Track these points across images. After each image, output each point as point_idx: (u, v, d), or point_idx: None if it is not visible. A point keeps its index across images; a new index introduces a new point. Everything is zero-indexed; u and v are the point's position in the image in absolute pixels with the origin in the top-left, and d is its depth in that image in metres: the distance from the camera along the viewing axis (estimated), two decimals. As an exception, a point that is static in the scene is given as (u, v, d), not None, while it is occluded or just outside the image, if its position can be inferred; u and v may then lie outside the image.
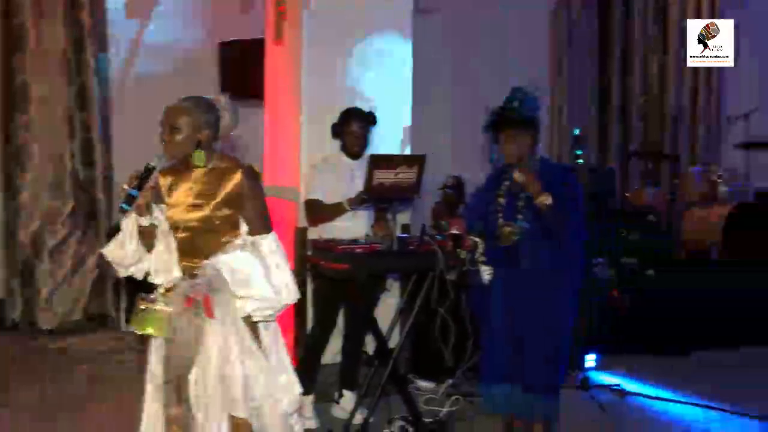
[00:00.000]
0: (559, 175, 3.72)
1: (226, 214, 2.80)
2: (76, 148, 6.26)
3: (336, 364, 4.55)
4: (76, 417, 4.37)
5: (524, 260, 3.60)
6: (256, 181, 2.86)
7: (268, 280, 2.72)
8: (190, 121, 2.75)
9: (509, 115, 3.53)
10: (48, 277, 6.16)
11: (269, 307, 2.76)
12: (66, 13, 6.12)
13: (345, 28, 4.69)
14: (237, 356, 2.76)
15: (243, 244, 2.79)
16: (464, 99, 7.22)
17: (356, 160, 4.29)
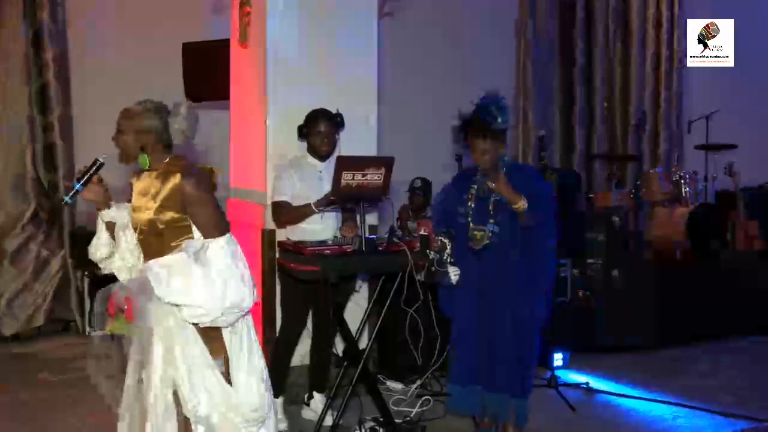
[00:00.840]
0: (527, 176, 3.78)
1: (169, 217, 2.79)
2: (37, 150, 6.16)
3: (305, 365, 4.53)
4: (39, 423, 4.31)
5: (495, 263, 3.67)
6: (198, 183, 2.79)
7: (202, 286, 2.65)
8: (133, 124, 2.81)
9: (486, 126, 3.59)
10: (9, 281, 6.04)
11: (204, 314, 2.68)
12: (25, 12, 6.02)
13: (310, 31, 4.67)
14: (181, 362, 2.74)
15: (187, 248, 2.75)
16: (429, 101, 7.27)
17: (323, 162, 4.28)
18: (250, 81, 4.84)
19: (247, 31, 4.79)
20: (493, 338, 3.69)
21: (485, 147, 3.62)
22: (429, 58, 7.33)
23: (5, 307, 6.00)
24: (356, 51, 4.82)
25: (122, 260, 2.98)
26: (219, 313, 2.68)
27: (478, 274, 3.73)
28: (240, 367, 2.83)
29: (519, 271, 3.66)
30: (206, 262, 2.69)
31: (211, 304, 2.66)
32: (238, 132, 5.10)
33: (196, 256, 2.70)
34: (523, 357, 3.72)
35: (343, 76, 4.74)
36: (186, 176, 2.78)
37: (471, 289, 3.75)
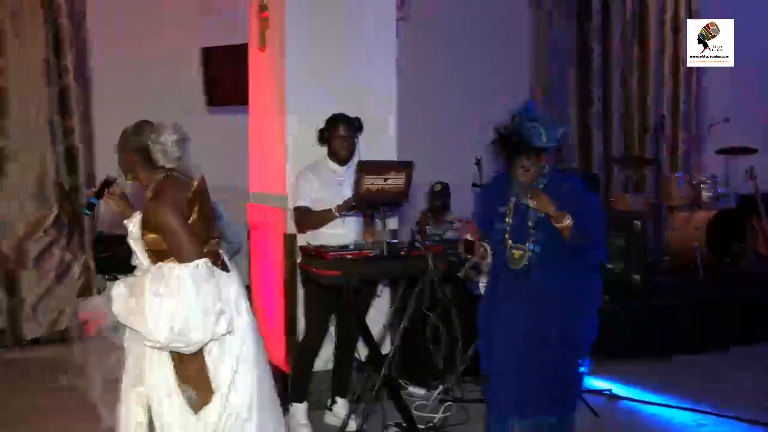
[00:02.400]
0: (571, 188, 3.41)
1: (149, 238, 2.80)
2: (58, 154, 6.20)
3: (328, 371, 4.52)
4: (59, 427, 4.34)
5: (537, 286, 3.32)
6: (163, 208, 2.74)
7: (156, 311, 2.62)
8: (121, 144, 2.90)
9: (530, 145, 3.24)
10: (33, 286, 6.08)
11: (151, 341, 2.67)
12: (46, 17, 6.06)
13: (328, 35, 4.67)
14: (148, 385, 2.76)
15: (155, 270, 2.74)
16: (447, 104, 7.25)
17: (343, 166, 4.28)
18: (268, 85, 4.84)
19: (266, 35, 4.79)
20: (537, 364, 3.31)
21: (528, 164, 3.29)
22: (446, 61, 7.31)
23: (29, 311, 6.04)
24: (375, 55, 4.80)
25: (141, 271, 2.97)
26: (167, 340, 2.64)
27: (517, 297, 3.37)
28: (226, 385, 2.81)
29: (565, 293, 3.31)
30: (168, 288, 2.66)
31: (161, 330, 2.62)
32: (257, 136, 5.10)
33: (159, 281, 2.68)
34: (569, 385, 3.41)
35: (362, 80, 4.73)
36: (157, 199, 2.77)
37: (510, 314, 3.37)
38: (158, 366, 2.75)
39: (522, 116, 3.29)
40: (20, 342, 6.05)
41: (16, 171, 6.04)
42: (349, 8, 4.72)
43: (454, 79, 7.28)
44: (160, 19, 6.63)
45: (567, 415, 3.47)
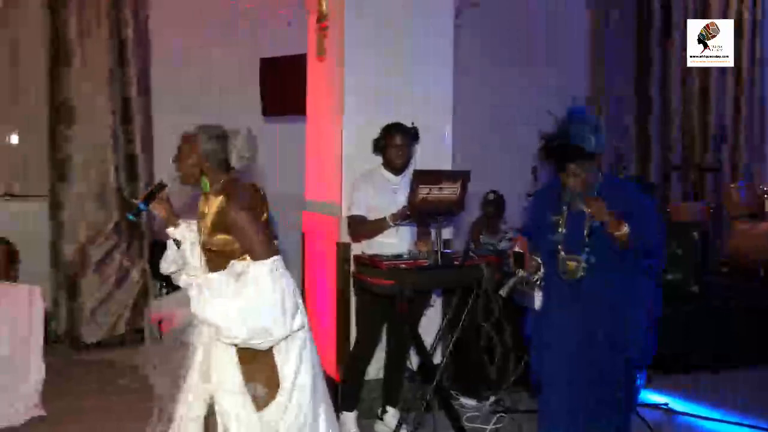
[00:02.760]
0: (627, 194, 3.32)
1: (219, 240, 2.83)
2: (120, 162, 6.34)
3: (379, 379, 4.52)
4: (116, 428, 4.43)
5: (592, 297, 3.24)
6: (240, 206, 2.80)
7: (238, 308, 2.67)
8: (192, 149, 2.89)
9: (579, 151, 3.17)
10: (93, 290, 6.23)
11: (234, 337, 2.70)
12: (112, 29, 6.23)
13: (386, 45, 4.70)
14: (215, 382, 2.78)
15: (230, 268, 2.78)
16: (501, 112, 7.21)
17: (398, 176, 4.28)
18: (326, 94, 4.88)
19: (324, 44, 4.84)
20: (587, 372, 3.24)
21: (577, 170, 3.21)
22: (501, 69, 7.27)
23: (89, 315, 6.19)
24: (432, 64, 4.81)
25: (188, 276, 3.03)
26: (247, 336, 2.69)
27: (570, 308, 3.28)
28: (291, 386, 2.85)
29: (616, 297, 3.22)
30: (245, 285, 2.70)
31: (241, 327, 2.67)
32: (313, 145, 5.15)
33: (238, 278, 2.73)
34: (623, 399, 3.29)
35: (419, 90, 4.74)
36: (230, 199, 2.81)
37: (563, 325, 3.30)
38: (225, 364, 2.78)
39: (569, 121, 3.23)
40: (80, 345, 6.19)
41: (80, 178, 6.19)
42: (406, 18, 4.73)
43: (510, 86, 7.24)
44: (219, 29, 6.74)
45: (621, 425, 3.38)
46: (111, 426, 4.48)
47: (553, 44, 7.50)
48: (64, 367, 5.41)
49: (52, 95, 6.21)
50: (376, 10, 4.67)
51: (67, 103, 6.14)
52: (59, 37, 6.12)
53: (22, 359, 4.48)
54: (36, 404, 4.56)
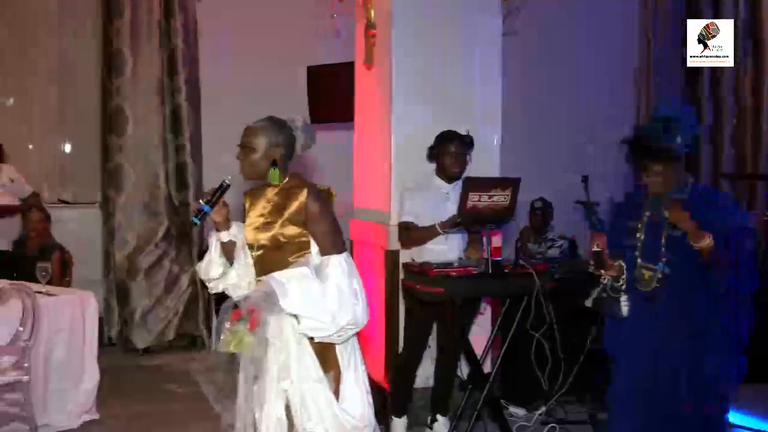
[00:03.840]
0: (717, 205, 3.09)
1: (292, 233, 2.81)
2: (169, 170, 6.43)
3: (428, 388, 4.50)
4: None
5: (669, 310, 3.05)
6: (322, 200, 2.83)
7: (323, 301, 2.68)
8: (263, 140, 2.82)
9: (657, 148, 3.00)
10: (143, 296, 6.32)
11: (322, 329, 2.70)
12: (161, 38, 6.34)
13: (434, 53, 4.69)
14: (295, 376, 2.76)
15: (307, 262, 2.77)
16: (549, 119, 7.15)
17: (450, 183, 4.26)
18: (374, 102, 4.89)
19: (373, 52, 4.85)
20: (665, 401, 3.03)
21: (657, 169, 3.02)
22: (550, 75, 7.21)
23: (139, 320, 6.28)
24: (481, 72, 4.79)
25: (238, 277, 2.99)
26: (335, 328, 2.70)
27: (648, 322, 3.10)
28: (348, 382, 2.84)
29: (703, 322, 2.99)
30: (325, 278, 2.71)
31: (329, 319, 2.68)
32: (361, 152, 5.16)
33: (316, 271, 2.74)
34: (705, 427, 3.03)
35: (468, 97, 4.73)
36: (312, 193, 2.81)
37: (634, 340, 3.13)
38: (305, 356, 2.77)
39: (655, 116, 3.07)
40: (130, 350, 6.29)
41: (131, 186, 6.29)
42: (455, 26, 4.71)
43: (558, 93, 7.18)
44: (266, 39, 6.81)
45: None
46: (166, 430, 4.53)
47: (602, 51, 7.42)
48: (116, 372, 5.48)
49: (104, 104, 6.33)
50: (423, 17, 4.67)
51: (118, 112, 6.25)
52: (111, 48, 6.24)
53: (77, 364, 4.55)
54: (90, 408, 4.63)
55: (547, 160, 6.78)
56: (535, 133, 7.02)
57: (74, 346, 4.55)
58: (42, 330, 4.18)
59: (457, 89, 4.71)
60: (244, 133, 2.88)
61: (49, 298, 4.39)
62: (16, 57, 6.78)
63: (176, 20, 6.33)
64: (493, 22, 4.85)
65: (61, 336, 4.46)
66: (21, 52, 6.78)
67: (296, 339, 2.77)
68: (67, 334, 4.51)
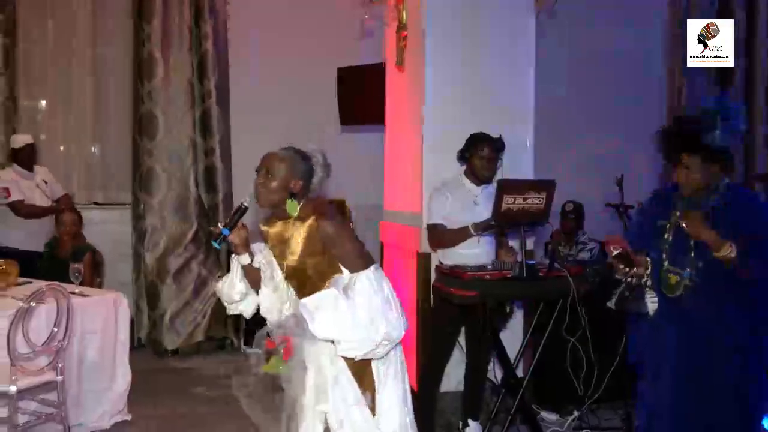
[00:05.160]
0: (750, 209, 2.93)
1: (314, 261, 2.79)
2: (199, 173, 6.46)
3: (458, 392, 4.47)
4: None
5: (692, 323, 2.92)
6: (334, 223, 2.77)
7: (355, 321, 2.64)
8: (284, 168, 2.78)
9: (692, 140, 2.83)
10: (172, 299, 6.34)
11: (357, 348, 2.67)
12: (192, 42, 6.37)
13: (467, 54, 4.66)
14: (332, 398, 2.74)
15: (335, 283, 2.75)
16: (580, 121, 7.08)
17: (480, 186, 4.23)
18: (406, 103, 4.87)
19: (404, 54, 4.83)
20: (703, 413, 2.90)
21: (690, 163, 2.86)
22: (581, 77, 7.14)
23: (168, 322, 6.31)
24: (513, 72, 4.75)
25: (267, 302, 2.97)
26: (372, 346, 2.67)
27: (667, 328, 3.00)
28: (384, 396, 2.81)
29: (733, 331, 2.86)
30: (355, 297, 2.67)
31: (364, 338, 2.65)
32: (392, 154, 5.14)
33: (345, 292, 2.70)
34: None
35: (500, 98, 4.69)
36: (321, 218, 2.76)
37: (661, 345, 3.02)
38: (338, 380, 2.76)
39: (700, 106, 2.90)
40: (160, 352, 6.32)
41: (162, 189, 6.32)
42: (487, 28, 4.69)
43: (590, 95, 7.11)
44: (296, 40, 6.81)
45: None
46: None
47: (633, 55, 7.33)
48: (145, 374, 5.50)
49: (136, 108, 6.38)
50: (455, 19, 4.65)
51: (150, 115, 6.30)
52: (142, 51, 6.28)
53: (109, 365, 4.57)
54: (122, 409, 4.65)
55: (575, 162, 6.71)
56: (567, 134, 6.95)
57: (106, 347, 4.57)
58: (75, 331, 4.20)
59: (490, 90, 4.68)
60: (267, 159, 2.82)
61: (82, 299, 4.41)
62: (53, 61, 6.84)
63: (206, 24, 6.36)
64: (526, 22, 4.80)
65: (93, 337, 4.48)
66: (58, 57, 6.84)
67: (332, 361, 2.75)
68: (100, 334, 4.53)
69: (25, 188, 5.79)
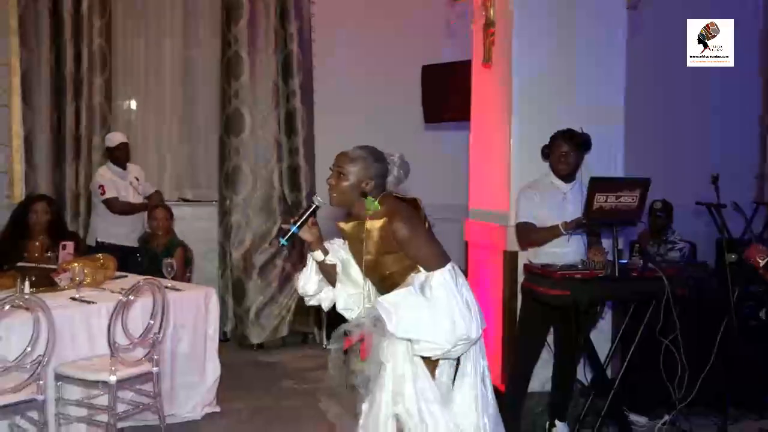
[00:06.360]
0: None
1: (391, 260, 2.77)
2: (283, 172, 6.56)
3: (544, 392, 4.41)
4: (282, 428, 4.59)
5: None
6: (407, 221, 2.73)
7: (432, 321, 2.62)
8: (357, 169, 2.76)
9: None
10: (257, 294, 6.47)
11: (437, 348, 2.65)
12: (277, 43, 6.48)
13: (556, 51, 4.60)
14: (412, 399, 2.71)
15: (412, 282, 2.73)
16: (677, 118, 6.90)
17: (568, 183, 4.17)
18: (492, 101, 4.84)
19: (491, 51, 4.80)
20: None
21: None
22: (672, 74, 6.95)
23: (254, 317, 6.44)
24: (604, 71, 4.67)
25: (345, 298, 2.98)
26: (450, 345, 2.64)
27: None
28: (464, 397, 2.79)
29: None
30: (432, 296, 2.66)
31: (443, 337, 2.63)
32: (478, 152, 5.11)
33: (422, 290, 2.68)
34: None
35: (589, 96, 4.60)
36: (392, 219, 2.73)
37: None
38: (417, 380, 2.74)
39: None
40: (245, 346, 6.46)
41: (247, 187, 6.45)
42: (577, 25, 4.62)
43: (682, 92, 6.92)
44: (380, 39, 6.85)
45: None
46: (282, 427, 4.61)
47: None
48: (232, 367, 5.63)
49: (223, 107, 6.53)
50: (542, 15, 4.60)
51: (236, 114, 6.43)
52: (230, 52, 6.42)
53: (200, 358, 4.69)
54: (211, 401, 4.76)
55: (664, 159, 6.54)
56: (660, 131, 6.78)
57: (197, 341, 4.69)
58: (169, 324, 4.33)
59: (578, 88, 4.61)
60: (340, 158, 2.82)
61: (175, 293, 4.53)
62: (146, 64, 7.08)
63: (291, 25, 6.46)
64: (616, 18, 4.70)
65: (185, 330, 4.60)
66: (150, 59, 7.08)
67: (410, 361, 2.73)
68: (191, 328, 4.65)
69: (119, 186, 5.99)
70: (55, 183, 6.32)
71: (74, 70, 6.31)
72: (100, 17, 6.40)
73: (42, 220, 5.25)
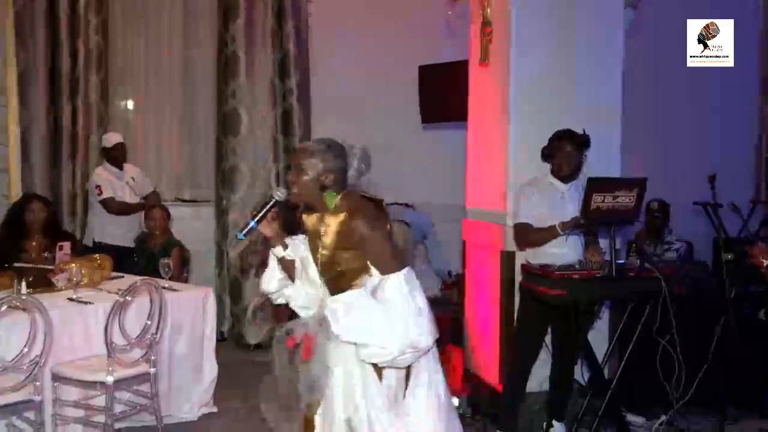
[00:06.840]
0: None
1: (345, 257, 2.69)
2: (280, 170, 6.55)
3: (542, 392, 4.41)
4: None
5: None
6: (368, 220, 2.65)
7: (380, 326, 2.53)
8: (315, 163, 2.69)
9: None
10: (254, 293, 6.44)
11: (385, 354, 2.55)
12: (274, 42, 6.47)
13: (554, 51, 4.59)
14: (362, 405, 2.65)
15: (364, 285, 2.65)
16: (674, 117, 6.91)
17: (566, 184, 4.17)
18: (490, 101, 4.83)
19: (489, 50, 4.79)
20: None
21: None
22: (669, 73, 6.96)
23: (251, 317, 6.41)
24: (602, 71, 4.66)
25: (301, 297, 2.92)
26: (398, 352, 2.55)
27: None
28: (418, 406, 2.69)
29: None
30: (384, 300, 2.57)
31: (390, 343, 2.54)
32: (476, 152, 5.10)
33: (374, 293, 2.60)
34: None
35: (587, 96, 4.60)
36: (354, 215, 2.65)
37: None
38: (370, 383, 2.67)
39: None
40: (242, 346, 6.44)
41: (244, 186, 6.45)
42: (573, 22, 4.61)
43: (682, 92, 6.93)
44: (377, 39, 6.85)
45: None
46: (280, 426, 4.59)
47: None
48: (229, 367, 5.62)
49: (219, 106, 6.52)
50: (541, 14, 4.59)
51: (233, 114, 6.42)
52: (227, 51, 6.41)
53: (197, 358, 4.69)
54: (208, 402, 4.76)
55: (664, 159, 6.55)
56: (658, 131, 6.79)
57: (194, 341, 4.69)
58: (166, 324, 4.32)
59: (576, 87, 4.60)
60: (298, 152, 2.77)
61: (172, 293, 4.53)
62: (143, 63, 7.06)
63: (288, 24, 6.46)
64: (614, 18, 4.70)
65: (182, 330, 4.60)
66: (148, 58, 7.06)
67: (360, 366, 2.65)
68: (189, 328, 4.65)
69: (116, 186, 5.98)
70: (52, 183, 6.31)
71: (70, 69, 6.29)
72: (97, 14, 6.37)
73: (39, 218, 5.24)
